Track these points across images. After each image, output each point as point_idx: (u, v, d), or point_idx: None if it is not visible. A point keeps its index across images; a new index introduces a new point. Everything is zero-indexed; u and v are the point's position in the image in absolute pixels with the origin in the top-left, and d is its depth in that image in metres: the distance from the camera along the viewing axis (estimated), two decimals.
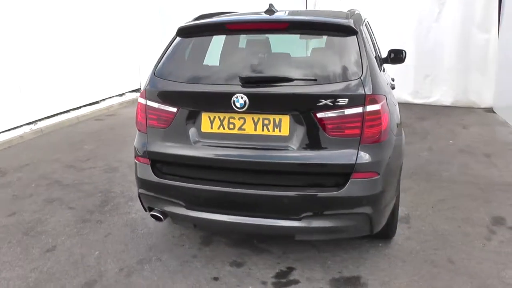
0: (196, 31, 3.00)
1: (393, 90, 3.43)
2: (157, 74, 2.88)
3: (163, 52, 2.98)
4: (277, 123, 2.59)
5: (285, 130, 2.59)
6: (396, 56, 3.98)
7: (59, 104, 7.55)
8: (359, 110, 2.52)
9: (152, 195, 2.89)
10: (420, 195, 4.14)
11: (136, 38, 9.72)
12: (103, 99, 8.75)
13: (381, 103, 2.59)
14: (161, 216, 2.90)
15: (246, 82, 2.58)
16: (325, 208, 2.58)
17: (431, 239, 3.35)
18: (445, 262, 3.05)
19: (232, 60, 2.97)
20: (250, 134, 2.63)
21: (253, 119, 2.62)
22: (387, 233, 3.21)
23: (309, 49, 3.38)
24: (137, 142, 2.95)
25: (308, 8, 9.73)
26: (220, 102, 2.65)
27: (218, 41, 3.06)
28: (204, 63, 2.99)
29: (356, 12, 3.31)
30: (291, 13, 3.18)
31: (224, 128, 2.67)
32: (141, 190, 2.95)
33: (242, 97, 2.54)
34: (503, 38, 7.09)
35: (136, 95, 9.52)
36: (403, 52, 4.04)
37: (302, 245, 3.24)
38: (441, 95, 7.94)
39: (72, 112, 7.73)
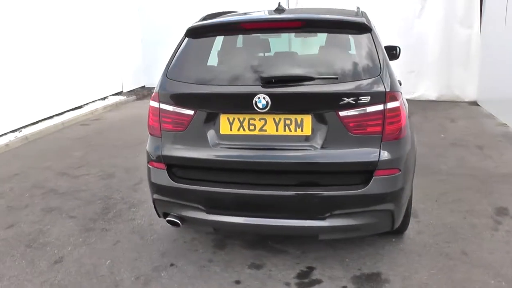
0: (209, 31, 2.95)
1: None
2: (170, 76, 2.81)
3: (173, 54, 2.91)
4: (299, 122, 2.57)
5: (307, 130, 2.57)
6: (390, 53, 4.01)
7: (42, 110, 7.32)
8: (380, 107, 2.53)
9: (169, 200, 2.82)
10: (422, 189, 4.20)
11: (116, 39, 9.52)
12: (86, 103, 8.53)
13: (400, 99, 2.61)
14: (178, 222, 2.84)
15: (267, 82, 2.54)
16: (349, 207, 2.58)
17: (442, 232, 3.41)
18: (459, 254, 3.10)
19: (246, 60, 2.92)
20: (272, 135, 2.60)
21: (274, 119, 2.59)
22: (399, 228, 3.24)
23: (305, 47, 3.35)
24: (150, 147, 2.88)
25: (290, 7, 9.77)
26: (240, 103, 2.61)
27: (228, 41, 3.02)
28: (218, 63, 2.93)
29: (362, 10, 3.33)
30: (300, 11, 3.16)
31: (244, 130, 2.63)
32: (156, 196, 2.87)
33: (264, 98, 2.51)
34: (485, 33, 7.29)
35: (119, 98, 9.33)
36: (397, 48, 4.08)
37: (318, 244, 3.23)
38: (426, 90, 8.11)
39: (56, 117, 7.50)
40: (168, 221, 2.89)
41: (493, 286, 2.75)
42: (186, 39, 2.94)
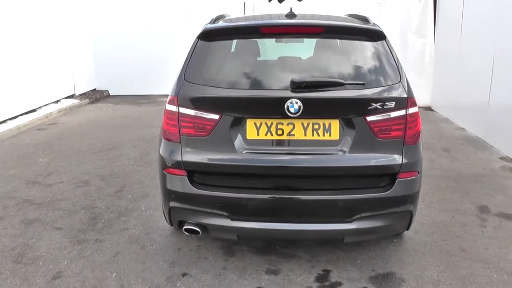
0: (226, 34, 2.90)
1: None
2: (189, 79, 2.71)
3: (189, 56, 2.81)
4: (327, 127, 2.60)
5: (335, 134, 2.60)
6: None
7: None
8: (402, 112, 2.63)
9: (189, 208, 2.72)
10: None
11: (67, 40, 9.02)
12: (40, 107, 7.98)
13: (417, 105, 2.73)
14: (197, 230, 2.74)
15: (298, 86, 2.54)
16: (375, 209, 2.65)
17: (436, 231, 3.59)
18: (458, 251, 3.29)
19: (270, 64, 2.90)
20: (300, 140, 2.60)
21: (302, 124, 2.59)
22: None
23: (319, 52, 3.37)
24: (166, 153, 2.76)
25: (247, 12, 9.80)
26: (270, 108, 2.59)
27: (245, 45, 2.97)
28: (240, 67, 2.88)
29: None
30: (308, 17, 3.19)
31: (272, 135, 2.60)
32: (173, 204, 2.75)
33: (296, 102, 2.51)
34: (439, 42, 7.81)
35: (72, 102, 8.83)
36: None
37: (326, 247, 3.28)
38: None
39: (9, 122, 6.94)
40: (186, 230, 2.78)
41: (496, 280, 2.94)
42: (201, 41, 2.85)
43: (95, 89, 10.01)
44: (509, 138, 5.31)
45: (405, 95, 2.64)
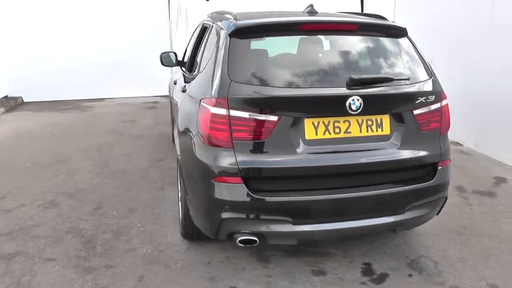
0: (262, 31, 2.77)
1: None
2: (235, 79, 2.53)
3: (225, 54, 2.62)
4: (379, 122, 2.63)
5: (386, 129, 2.65)
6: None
7: None
8: (439, 105, 2.79)
9: (246, 217, 2.55)
10: None
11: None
12: None
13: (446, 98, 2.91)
14: (255, 239, 2.59)
15: (357, 83, 2.53)
16: (423, 198, 2.76)
17: None
18: (462, 229, 3.59)
19: (317, 61, 2.81)
20: (356, 137, 2.60)
21: (357, 121, 2.59)
22: None
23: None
24: (213, 160, 2.54)
25: (171, 12, 9.43)
26: (331, 106, 2.54)
27: (282, 42, 2.87)
28: (288, 64, 2.76)
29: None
30: (330, 15, 3.18)
31: (330, 133, 2.56)
32: (227, 215, 2.55)
33: (358, 100, 2.49)
34: None
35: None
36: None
37: (350, 242, 3.31)
38: None
39: None
40: (241, 241, 2.61)
41: (505, 249, 3.28)
42: (235, 38, 2.69)
43: (7, 96, 8.78)
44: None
45: (440, 89, 2.79)
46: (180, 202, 3.59)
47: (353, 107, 2.51)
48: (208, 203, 2.62)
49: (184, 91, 3.46)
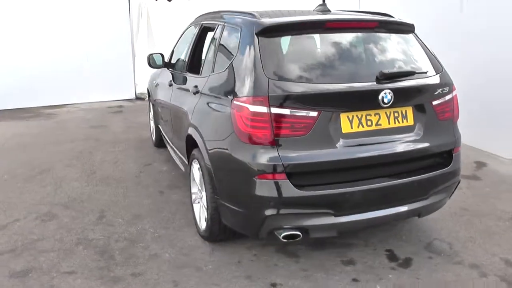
0: (288, 29, 2.83)
1: None
2: (273, 77, 2.58)
3: (256, 53, 2.66)
4: (404, 114, 2.78)
5: (410, 120, 2.81)
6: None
7: None
8: (451, 96, 3.00)
9: (290, 212, 2.59)
10: None
11: None
12: None
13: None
14: (299, 233, 2.64)
15: (387, 78, 2.66)
16: (443, 183, 2.95)
17: None
18: (462, 211, 3.84)
19: (343, 58, 2.89)
20: (386, 128, 2.73)
21: (386, 113, 2.72)
22: None
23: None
24: (258, 158, 2.56)
25: (132, 12, 9.19)
26: (365, 100, 2.65)
27: (307, 39, 2.93)
28: (319, 61, 2.83)
29: None
30: (343, 12, 3.29)
31: (363, 126, 2.67)
32: (270, 212, 2.57)
33: (389, 93, 2.62)
34: None
35: None
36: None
37: (368, 231, 3.45)
38: None
39: None
40: (285, 237, 2.64)
41: (504, 227, 3.56)
42: (263, 37, 2.73)
43: None
44: None
45: (451, 81, 3.00)
46: (194, 205, 3.56)
47: (385, 100, 2.64)
48: (250, 202, 2.63)
49: (196, 92, 3.40)
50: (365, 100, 2.67)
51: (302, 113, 2.54)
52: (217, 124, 2.91)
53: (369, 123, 2.69)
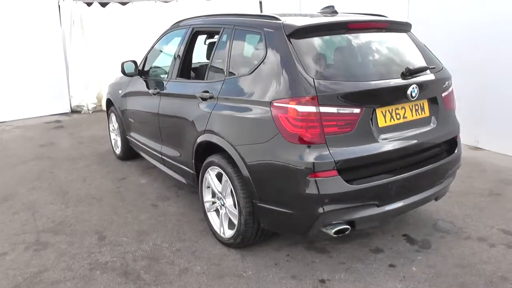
0: (317, 31, 2.92)
1: None
2: (316, 77, 2.65)
3: (293, 54, 2.71)
4: (422, 106, 3.03)
5: (427, 112, 3.07)
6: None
7: None
8: (451, 88, 3.31)
9: (341, 207, 2.66)
10: None
11: None
12: None
13: None
14: (348, 227, 2.73)
15: (412, 73, 2.87)
16: (452, 167, 3.25)
17: None
18: (449, 193, 4.06)
19: (371, 57, 3.03)
20: (411, 120, 2.95)
21: (409, 106, 2.94)
22: None
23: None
24: (309, 157, 2.60)
25: (63, 18, 8.55)
26: (397, 95, 2.83)
27: (336, 40, 3.03)
28: (352, 60, 2.94)
29: None
30: (344, 15, 3.44)
31: (394, 120, 2.85)
32: (323, 209, 2.62)
33: (416, 87, 2.84)
34: None
35: None
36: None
37: None
38: None
39: None
40: (336, 232, 2.71)
41: (489, 201, 3.99)
42: (294, 39, 2.79)
43: None
44: None
45: (450, 74, 3.31)
46: (208, 213, 3.47)
47: (413, 94, 2.85)
48: (302, 201, 2.66)
49: (209, 97, 3.29)
50: (396, 95, 2.85)
51: (347, 110, 2.65)
52: (251, 127, 2.88)
53: (398, 116, 2.88)
